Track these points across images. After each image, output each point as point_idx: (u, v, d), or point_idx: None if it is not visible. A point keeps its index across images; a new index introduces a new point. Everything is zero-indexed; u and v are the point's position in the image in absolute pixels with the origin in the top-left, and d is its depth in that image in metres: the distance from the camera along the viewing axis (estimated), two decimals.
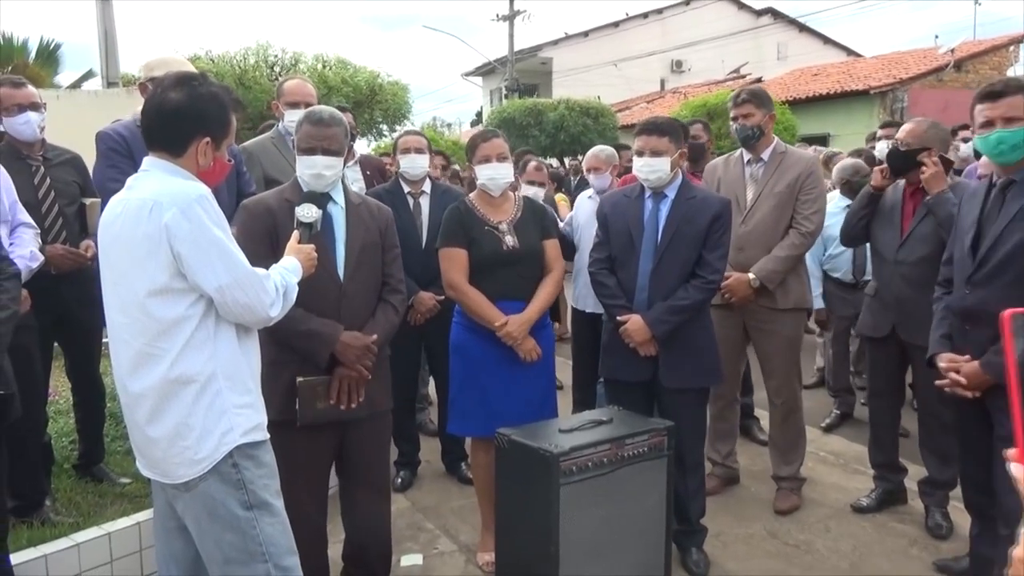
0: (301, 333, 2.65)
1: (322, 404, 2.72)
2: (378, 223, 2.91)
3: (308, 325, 2.65)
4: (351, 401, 2.76)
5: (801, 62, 25.07)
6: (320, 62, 16.97)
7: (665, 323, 3.18)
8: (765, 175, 3.82)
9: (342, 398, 2.74)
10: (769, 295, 3.78)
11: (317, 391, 2.72)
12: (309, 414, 2.70)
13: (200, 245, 1.99)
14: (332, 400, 2.73)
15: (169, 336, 2.03)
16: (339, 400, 2.74)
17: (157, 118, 2.09)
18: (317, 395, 2.72)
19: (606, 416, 3.07)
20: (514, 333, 3.19)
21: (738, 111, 3.81)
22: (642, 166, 3.25)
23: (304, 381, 2.69)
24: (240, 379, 2.13)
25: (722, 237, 3.27)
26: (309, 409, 2.70)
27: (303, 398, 2.68)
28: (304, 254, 2.40)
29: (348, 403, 2.76)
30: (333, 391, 2.73)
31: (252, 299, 2.07)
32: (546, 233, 3.44)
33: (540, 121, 19.23)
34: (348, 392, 2.75)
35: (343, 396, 2.75)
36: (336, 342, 2.69)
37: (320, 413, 2.72)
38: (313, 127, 2.72)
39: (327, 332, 2.69)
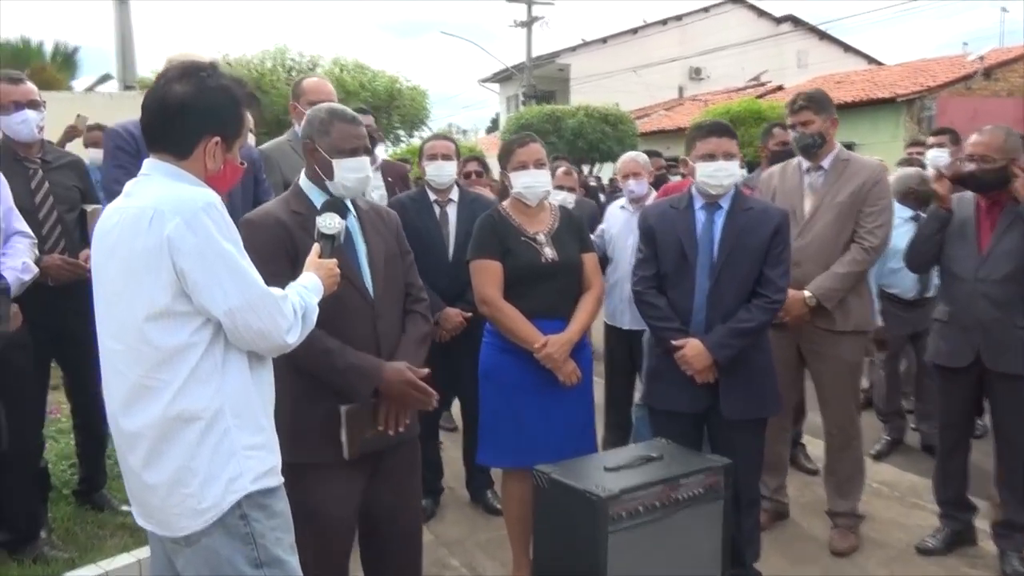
0: (339, 370, 2.34)
1: (370, 432, 2.43)
2: (390, 229, 2.62)
3: (347, 360, 2.35)
4: (398, 425, 2.47)
5: (822, 70, 24.67)
6: (338, 66, 16.76)
7: (728, 348, 2.88)
8: (825, 184, 3.51)
9: (390, 422, 2.45)
10: (827, 315, 3.46)
11: (364, 419, 2.42)
12: (357, 445, 2.40)
13: (207, 261, 1.71)
14: (381, 426, 2.43)
15: (170, 366, 1.74)
16: (387, 425, 2.44)
17: (159, 114, 1.80)
18: (364, 423, 2.42)
19: (655, 451, 2.77)
20: (555, 355, 2.90)
21: (796, 118, 3.51)
22: (715, 171, 2.96)
23: (350, 409, 2.38)
24: (251, 416, 1.84)
25: (783, 252, 2.97)
26: (357, 440, 2.39)
27: (351, 428, 2.37)
28: (325, 270, 2.10)
29: (396, 427, 2.46)
30: (381, 416, 2.43)
31: (267, 324, 1.78)
32: (585, 245, 3.15)
33: (558, 128, 18.93)
34: (396, 414, 2.46)
35: (391, 420, 2.45)
36: (380, 379, 2.39)
37: (368, 443, 2.43)
38: (350, 125, 2.42)
39: (368, 366, 2.39)
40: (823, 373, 3.58)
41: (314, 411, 2.37)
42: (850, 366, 3.56)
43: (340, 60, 16.92)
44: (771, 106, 16.03)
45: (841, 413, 3.59)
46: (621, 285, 4.40)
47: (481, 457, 3.13)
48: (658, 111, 25.61)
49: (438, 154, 3.80)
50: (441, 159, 3.79)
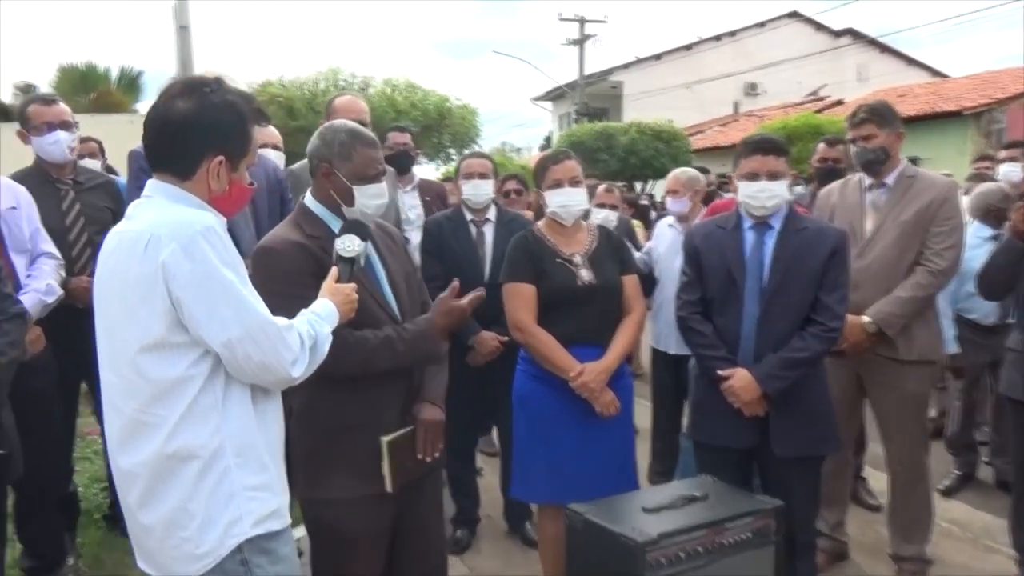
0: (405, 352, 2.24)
1: (411, 462, 2.31)
2: (399, 245, 2.51)
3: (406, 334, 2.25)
4: (435, 450, 2.35)
5: (883, 83, 24.00)
6: (390, 86, 16.90)
7: (779, 379, 2.66)
8: (889, 202, 3.27)
9: (428, 448, 2.33)
10: (889, 343, 3.21)
11: (406, 448, 2.30)
12: (401, 476, 2.27)
13: (204, 289, 1.59)
14: (420, 455, 2.32)
15: (166, 401, 1.63)
16: (426, 452, 2.33)
17: (160, 132, 1.71)
18: (406, 452, 2.30)
19: (699, 490, 2.56)
20: (591, 384, 2.73)
21: (857, 132, 3.27)
22: (758, 191, 2.75)
23: (393, 439, 2.25)
24: (254, 454, 1.71)
25: (841, 276, 2.75)
26: (400, 471, 2.27)
27: (395, 459, 2.25)
28: (342, 296, 1.98)
29: (432, 452, 2.34)
30: (420, 443, 2.31)
31: (269, 356, 1.66)
32: (625, 267, 2.98)
33: (610, 145, 18.76)
34: (433, 440, 2.35)
35: (429, 447, 2.33)
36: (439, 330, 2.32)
37: (409, 473, 2.31)
38: (372, 149, 2.29)
39: (425, 328, 2.31)
40: (886, 405, 3.32)
41: (350, 443, 2.24)
42: (915, 398, 3.29)
43: (392, 80, 17.06)
44: (830, 121, 15.58)
45: (907, 449, 3.32)
46: (668, 307, 4.18)
47: (514, 491, 2.97)
48: (712, 127, 25.23)
49: (474, 172, 3.67)
50: (478, 178, 3.66)
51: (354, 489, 2.21)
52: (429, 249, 3.65)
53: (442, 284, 3.53)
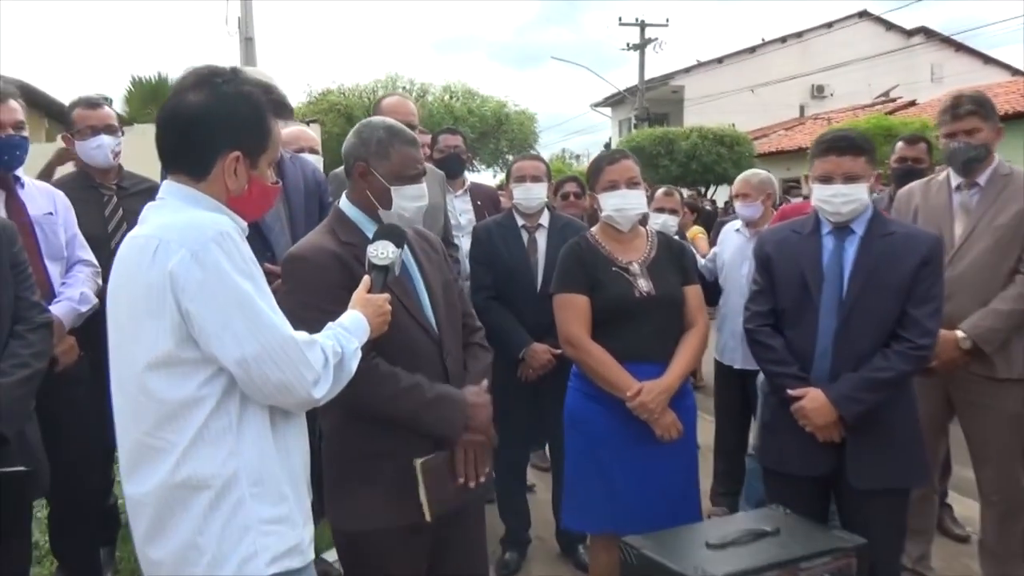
0: (430, 402, 2.05)
1: (450, 486, 2.12)
2: (439, 253, 2.33)
3: (436, 390, 2.08)
4: (479, 474, 2.16)
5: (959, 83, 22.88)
6: (448, 92, 16.91)
7: (858, 402, 2.39)
8: (982, 204, 2.96)
9: (470, 472, 2.13)
10: (985, 360, 2.90)
11: (442, 471, 2.11)
12: (437, 504, 2.08)
13: (217, 301, 1.44)
14: (461, 479, 2.12)
15: (175, 424, 1.48)
16: (468, 476, 2.13)
17: (171, 129, 1.57)
18: (443, 476, 2.11)
19: (770, 524, 2.30)
20: (650, 405, 2.51)
21: (959, 126, 2.97)
22: (832, 196, 2.49)
23: (427, 461, 2.06)
24: (272, 484, 1.55)
25: (933, 287, 2.46)
26: (437, 497, 2.08)
27: (430, 484, 2.05)
28: (374, 307, 1.81)
29: (476, 478, 2.15)
30: (460, 466, 2.12)
31: (289, 375, 1.50)
32: (687, 276, 2.75)
33: (671, 150, 18.43)
34: (476, 464, 2.15)
35: (471, 470, 2.14)
36: (467, 404, 2.12)
37: (449, 500, 2.11)
38: (411, 148, 2.13)
39: (456, 394, 2.12)
40: (981, 428, 3.01)
41: (383, 470, 2.07)
42: (1015, 420, 2.97)
43: (450, 87, 17.08)
44: (903, 122, 14.92)
45: (1003, 476, 3.00)
46: (733, 318, 3.95)
47: (566, 520, 2.76)
48: (777, 131, 24.59)
49: (526, 175, 3.48)
50: (530, 180, 3.47)
51: (388, 520, 2.04)
52: (478, 257, 3.47)
53: (493, 295, 3.42)
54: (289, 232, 2.88)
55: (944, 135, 3.03)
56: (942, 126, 3.05)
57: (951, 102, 3.02)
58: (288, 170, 3.01)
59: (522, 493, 3.79)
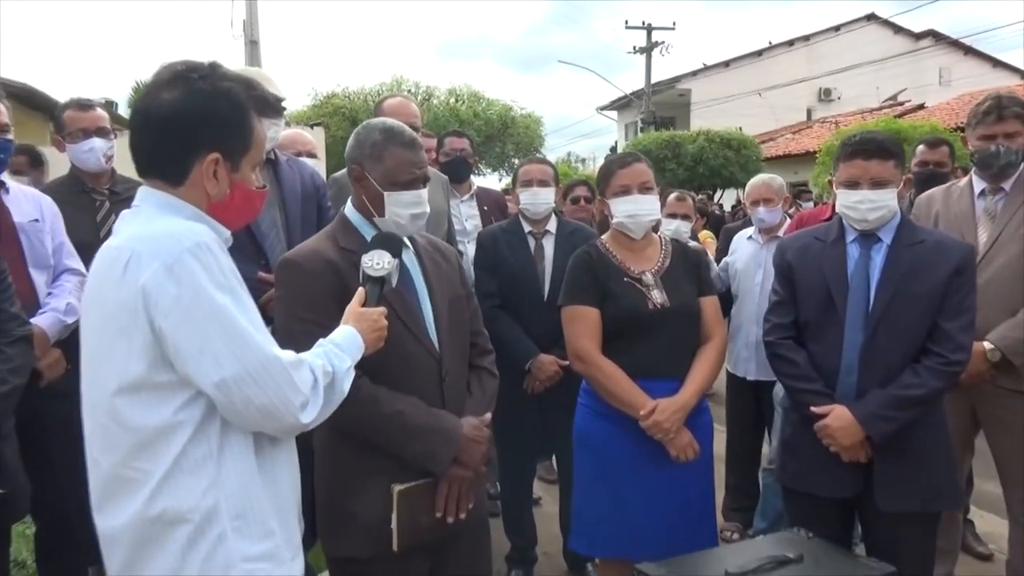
0: (414, 432, 1.92)
1: (427, 519, 1.98)
2: (453, 267, 2.19)
3: (422, 418, 1.95)
4: (460, 510, 2.02)
5: (967, 86, 22.85)
6: (453, 96, 16.82)
7: (886, 420, 2.25)
8: (1008, 210, 2.83)
9: (450, 507, 2.00)
10: (1013, 373, 2.76)
11: (421, 502, 1.97)
12: (410, 534, 1.95)
13: (193, 318, 1.31)
14: (440, 512, 1.99)
15: (149, 453, 1.35)
16: (447, 511, 2.00)
17: (144, 130, 1.44)
18: (421, 507, 1.97)
19: (793, 550, 2.16)
20: (665, 424, 2.36)
21: (1002, 128, 2.82)
22: (857, 202, 2.35)
23: (404, 490, 1.93)
24: (257, 517, 1.42)
25: (967, 299, 2.32)
26: (410, 527, 1.95)
27: (403, 513, 1.93)
28: (368, 322, 1.68)
29: (457, 513, 2.01)
30: (441, 500, 1.99)
31: (274, 398, 1.37)
32: (703, 287, 2.60)
33: (678, 154, 18.32)
34: (458, 498, 2.02)
35: (451, 505, 2.00)
36: (459, 438, 1.98)
37: (423, 532, 1.98)
38: (408, 151, 2.00)
39: (448, 426, 1.98)
40: (1008, 445, 2.86)
41: (364, 494, 1.95)
42: None
43: (456, 90, 16.98)
44: (912, 126, 14.74)
45: None
46: (747, 328, 3.82)
47: (573, 543, 2.60)
48: (785, 135, 24.45)
49: (533, 179, 3.34)
50: (536, 185, 3.33)
51: (365, 547, 1.92)
52: (483, 264, 3.34)
53: (498, 303, 3.29)
54: (285, 239, 2.75)
55: (980, 136, 2.88)
56: (979, 127, 2.89)
57: (994, 102, 2.86)
58: (285, 174, 2.89)
59: (528, 509, 3.65)
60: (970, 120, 2.95)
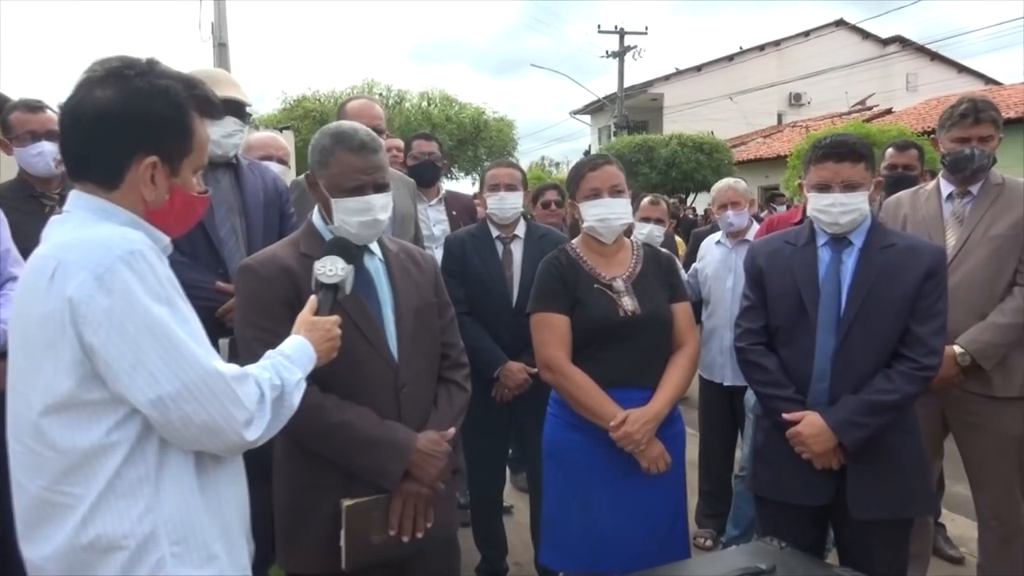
0: (362, 445, 1.85)
1: (378, 537, 1.90)
2: (427, 275, 2.12)
3: (371, 431, 1.87)
4: (416, 529, 1.94)
5: (934, 91, 23.20)
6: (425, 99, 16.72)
7: (858, 426, 2.21)
8: (975, 213, 2.81)
9: (405, 525, 1.92)
10: (983, 378, 2.75)
11: (372, 519, 1.89)
12: (359, 552, 1.87)
13: (126, 332, 1.22)
14: (393, 531, 1.91)
15: (79, 476, 1.26)
16: (401, 529, 1.92)
17: (73, 130, 1.35)
18: (372, 524, 1.89)
19: (765, 560, 2.10)
20: (636, 436, 2.29)
21: (977, 131, 2.80)
22: (828, 205, 2.31)
23: (353, 505, 1.86)
24: (198, 540, 1.34)
25: (938, 302, 2.29)
26: (360, 545, 1.87)
27: (352, 529, 1.85)
28: (321, 331, 1.60)
29: (413, 531, 1.93)
30: (394, 516, 1.91)
31: (215, 416, 1.28)
32: (676, 293, 2.54)
33: (651, 158, 18.38)
34: (414, 516, 1.94)
35: (406, 523, 1.92)
36: (412, 451, 1.89)
37: (375, 551, 1.90)
38: (356, 156, 1.92)
39: (401, 438, 1.90)
40: (978, 449, 2.85)
41: (318, 508, 1.88)
42: (1015, 441, 2.81)
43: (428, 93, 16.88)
44: (881, 130, 14.91)
45: (1003, 500, 2.84)
46: (719, 333, 3.79)
47: (543, 556, 2.53)
48: (756, 139, 24.64)
49: (501, 184, 3.27)
50: (504, 189, 3.26)
51: (317, 564, 1.86)
52: (451, 270, 3.26)
53: (466, 310, 3.21)
54: (245, 247, 2.65)
55: (955, 138, 2.84)
56: (955, 129, 2.85)
57: (971, 105, 2.83)
58: (247, 179, 2.79)
59: (498, 520, 3.58)
60: (943, 122, 2.92)
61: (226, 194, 2.72)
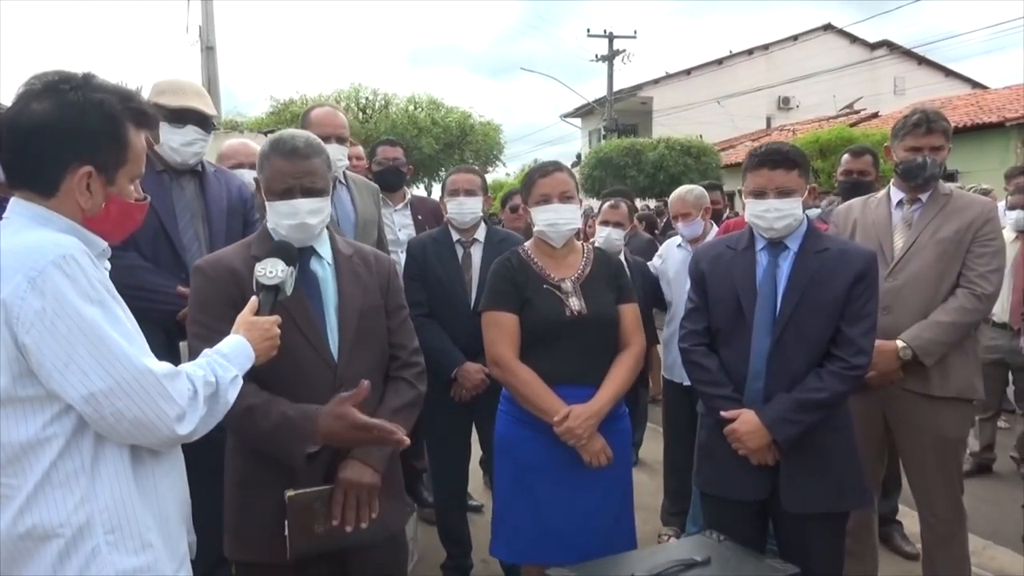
0: (268, 431, 1.89)
1: (321, 527, 1.96)
2: (379, 279, 2.18)
3: (275, 413, 1.89)
4: (360, 519, 2.00)
5: (921, 95, 23.33)
6: (412, 103, 16.76)
7: (791, 423, 2.30)
8: (924, 218, 2.90)
9: (348, 516, 1.99)
10: (921, 376, 2.82)
11: (315, 509, 1.96)
12: (302, 542, 1.94)
13: (57, 332, 1.30)
14: (336, 520, 1.97)
15: (16, 469, 1.34)
16: (344, 519, 1.98)
17: (11, 141, 1.42)
18: (315, 514, 1.96)
19: (701, 553, 2.19)
20: (577, 430, 2.38)
21: (929, 140, 2.87)
22: (764, 211, 2.40)
23: (296, 496, 1.93)
24: (133, 529, 1.41)
25: (868, 304, 2.37)
26: (303, 535, 1.94)
27: (295, 519, 1.92)
28: (260, 331, 1.68)
29: (357, 522, 2.00)
30: (336, 507, 1.97)
31: (146, 411, 1.36)
32: (623, 294, 2.62)
33: (639, 161, 18.45)
34: (357, 506, 2.00)
35: (349, 513, 1.99)
36: (315, 432, 1.88)
37: (318, 540, 1.96)
38: (285, 160, 1.99)
39: (299, 415, 1.89)
40: (916, 449, 2.92)
41: (262, 498, 1.96)
42: (951, 442, 2.90)
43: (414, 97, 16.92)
44: (864, 134, 15.08)
45: (941, 499, 2.91)
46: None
47: (495, 549, 2.61)
48: (744, 142, 24.73)
49: (460, 189, 3.34)
50: (463, 195, 3.33)
51: (262, 553, 1.94)
52: (412, 273, 3.34)
53: (426, 312, 3.28)
54: (207, 253, 2.73)
55: (908, 147, 2.91)
56: (908, 138, 2.92)
57: (923, 116, 2.91)
58: (211, 186, 2.86)
59: (463, 517, 3.65)
60: (896, 131, 2.99)
61: (190, 201, 2.79)
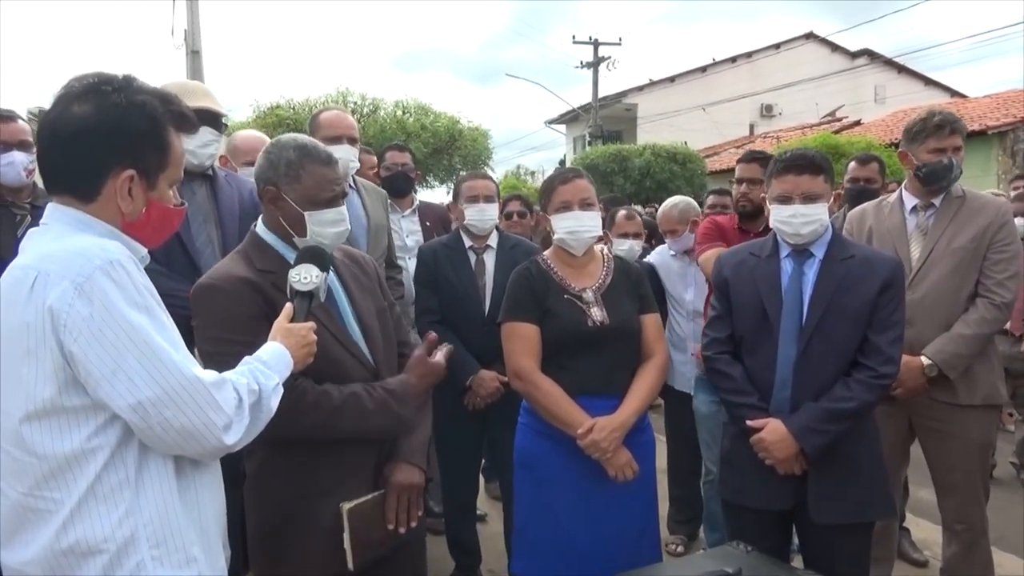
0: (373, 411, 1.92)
1: (378, 533, 1.96)
2: (372, 279, 2.17)
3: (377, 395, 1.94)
4: (411, 519, 2.01)
5: (901, 103, 23.64)
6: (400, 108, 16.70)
7: (819, 433, 2.28)
8: (938, 225, 2.89)
9: (401, 518, 1.99)
10: (948, 387, 2.82)
11: (372, 517, 1.95)
12: (366, 551, 1.92)
13: (105, 339, 1.26)
14: (391, 524, 1.97)
15: (60, 481, 1.29)
16: (398, 521, 1.99)
17: (52, 145, 1.38)
18: (372, 522, 1.95)
19: (731, 564, 2.16)
20: (603, 443, 2.34)
21: (951, 142, 2.85)
22: (790, 216, 2.39)
23: (355, 507, 1.90)
24: (178, 544, 1.37)
25: (895, 312, 2.37)
26: (364, 544, 1.92)
27: (356, 530, 1.89)
28: (297, 338, 1.64)
29: (408, 522, 2.00)
30: (391, 511, 1.98)
31: (194, 420, 1.32)
32: (645, 304, 2.59)
33: (625, 168, 18.51)
34: (408, 507, 2.01)
35: (403, 515, 1.99)
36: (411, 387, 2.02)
37: (375, 547, 1.96)
38: (326, 167, 1.96)
39: (398, 388, 1.99)
40: (945, 456, 2.91)
41: (311, 514, 1.91)
42: (980, 448, 2.90)
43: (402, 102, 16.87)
44: (849, 141, 15.20)
45: (967, 505, 2.91)
46: (680, 343, 3.84)
47: (515, 565, 2.56)
48: (728, 149, 24.91)
49: (479, 195, 3.30)
50: (483, 201, 3.29)
51: (317, 568, 1.88)
52: (423, 279, 3.30)
53: (438, 319, 3.25)
54: (221, 257, 2.68)
55: (931, 150, 2.88)
56: (930, 140, 2.88)
57: (945, 117, 2.87)
58: (223, 190, 2.82)
59: (472, 528, 3.61)
60: (917, 135, 2.92)
61: (202, 205, 2.75)
